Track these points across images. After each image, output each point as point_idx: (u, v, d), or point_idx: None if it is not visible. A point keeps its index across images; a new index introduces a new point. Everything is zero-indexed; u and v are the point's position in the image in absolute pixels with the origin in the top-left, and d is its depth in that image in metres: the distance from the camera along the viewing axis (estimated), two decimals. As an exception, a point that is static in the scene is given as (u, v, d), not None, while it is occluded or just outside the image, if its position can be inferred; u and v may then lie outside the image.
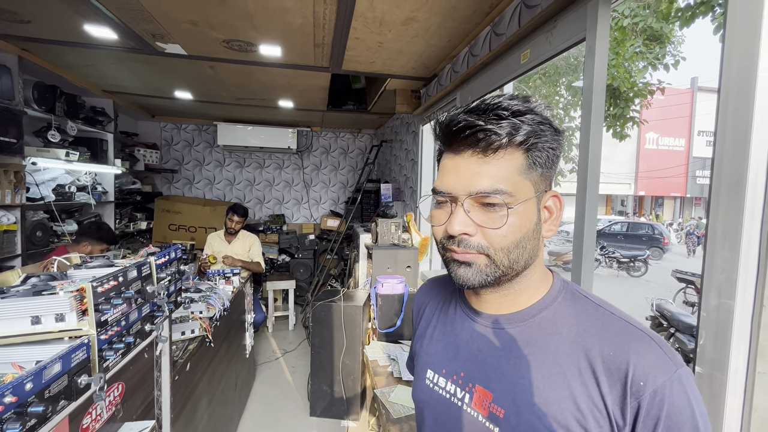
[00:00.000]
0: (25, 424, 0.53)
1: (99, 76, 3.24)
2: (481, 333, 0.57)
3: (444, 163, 0.53)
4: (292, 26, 2.12)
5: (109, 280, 0.77)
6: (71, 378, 0.65)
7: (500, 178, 0.49)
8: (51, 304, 0.69)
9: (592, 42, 1.19)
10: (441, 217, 0.52)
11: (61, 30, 2.28)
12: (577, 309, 0.52)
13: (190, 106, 4.34)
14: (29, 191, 2.83)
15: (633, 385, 0.45)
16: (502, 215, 0.49)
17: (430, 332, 0.64)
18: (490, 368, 0.54)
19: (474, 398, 0.54)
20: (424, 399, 0.61)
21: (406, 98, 3.31)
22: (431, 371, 0.61)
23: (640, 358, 0.46)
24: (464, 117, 0.49)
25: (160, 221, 4.78)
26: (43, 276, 0.84)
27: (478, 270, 0.51)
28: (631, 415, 0.45)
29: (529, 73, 1.71)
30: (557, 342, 0.51)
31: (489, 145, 0.48)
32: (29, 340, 0.69)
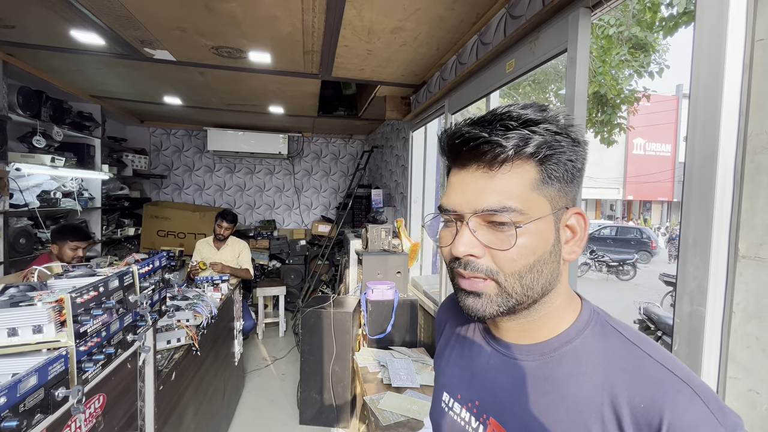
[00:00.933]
0: (-3, 440, 0.52)
1: (86, 81, 3.21)
2: (497, 362, 0.52)
3: (451, 179, 0.49)
4: (281, 34, 2.13)
5: (88, 291, 0.76)
6: (48, 391, 0.64)
7: (509, 195, 0.44)
8: (28, 316, 0.68)
9: (573, 53, 1.22)
10: (447, 238, 0.47)
11: (47, 35, 2.26)
12: (606, 346, 0.46)
13: (180, 112, 4.32)
14: (12, 197, 2.78)
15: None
16: (510, 235, 0.44)
17: (448, 352, 0.61)
18: (505, 402, 0.49)
19: (487, 430, 0.50)
20: (440, 423, 0.58)
21: (396, 105, 3.34)
22: (447, 394, 0.57)
23: (678, 416, 0.38)
24: (468, 129, 0.45)
25: (149, 227, 4.73)
26: (22, 286, 0.83)
27: (488, 300, 0.46)
28: None
29: (519, 80, 1.74)
30: (580, 383, 0.44)
31: (494, 158, 0.43)
32: (5, 352, 0.68)
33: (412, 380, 2.11)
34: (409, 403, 1.91)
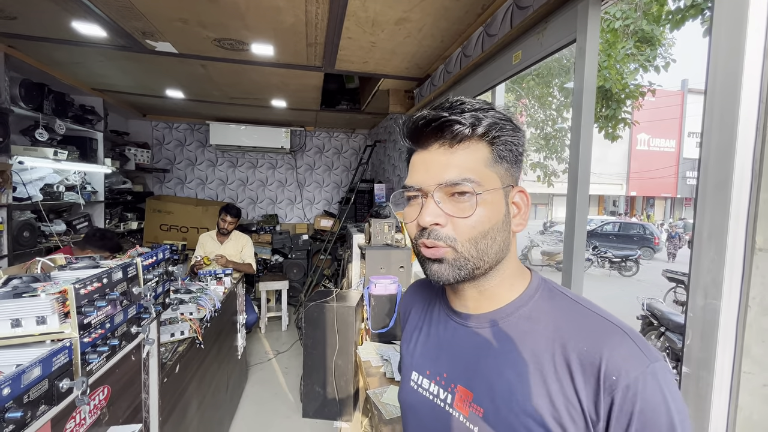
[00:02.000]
0: (2, 430, 0.52)
1: (88, 74, 3.19)
2: (461, 333, 0.57)
3: (413, 160, 0.54)
4: (284, 25, 2.10)
5: (92, 282, 0.75)
6: (52, 382, 0.63)
7: (467, 168, 0.50)
8: (32, 307, 0.68)
9: (582, 43, 1.20)
10: (413, 213, 0.53)
11: (49, 27, 2.24)
12: (554, 306, 0.53)
13: (182, 105, 4.30)
14: (16, 191, 2.77)
15: (606, 380, 0.45)
16: (471, 204, 0.50)
17: (416, 335, 0.65)
18: (470, 368, 0.54)
19: (456, 399, 0.54)
20: (409, 401, 0.61)
21: (400, 98, 3.31)
22: (416, 373, 0.61)
23: (613, 353, 0.45)
24: (430, 111, 0.50)
25: (152, 221, 4.73)
26: (25, 278, 0.82)
27: (449, 265, 0.51)
28: (605, 410, 0.45)
29: (522, 74, 1.71)
30: (534, 339, 0.51)
31: (454, 136, 0.50)
32: (9, 343, 0.67)
33: (415, 374, 2.11)
34: (412, 397, 1.91)
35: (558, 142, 9.45)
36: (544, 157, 9.83)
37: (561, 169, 10.18)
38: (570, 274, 1.23)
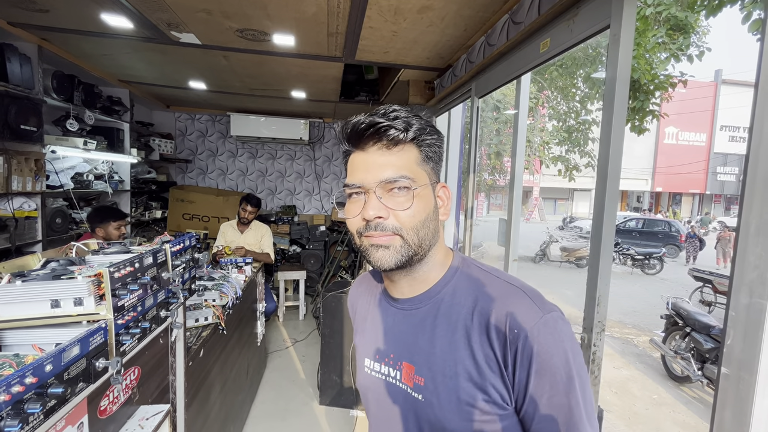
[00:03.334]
0: (45, 405, 0.54)
1: (115, 65, 3.27)
2: (401, 316, 0.65)
3: (352, 160, 0.61)
4: (306, 15, 2.09)
5: (125, 266, 0.78)
6: (89, 361, 0.66)
7: (402, 167, 0.58)
8: (70, 288, 0.70)
9: (617, 29, 1.14)
10: (355, 209, 0.59)
11: (79, 19, 2.30)
12: (471, 279, 0.62)
13: (204, 97, 4.37)
14: (49, 179, 2.89)
15: (510, 333, 0.54)
16: (408, 197, 0.57)
17: (364, 326, 0.72)
18: (411, 345, 0.62)
19: (403, 374, 0.62)
20: (366, 385, 0.68)
21: (420, 89, 3.27)
22: (368, 359, 0.68)
23: (514, 309, 0.55)
24: (368, 118, 0.57)
25: (175, 210, 4.86)
26: (62, 261, 0.85)
27: (394, 251, 0.57)
28: (512, 358, 0.54)
29: (546, 64, 1.66)
30: (458, 311, 0.59)
31: (390, 139, 0.57)
32: (48, 323, 0.70)
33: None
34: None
35: (581, 135, 9.17)
36: (566, 150, 9.57)
37: (583, 163, 9.90)
38: (597, 271, 1.19)
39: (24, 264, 0.85)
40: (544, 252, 10.75)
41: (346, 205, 0.61)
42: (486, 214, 20.03)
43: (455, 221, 3.42)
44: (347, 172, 0.62)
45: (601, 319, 1.21)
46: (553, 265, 10.46)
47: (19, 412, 0.50)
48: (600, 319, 1.21)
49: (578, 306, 7.02)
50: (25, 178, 2.56)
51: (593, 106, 9.48)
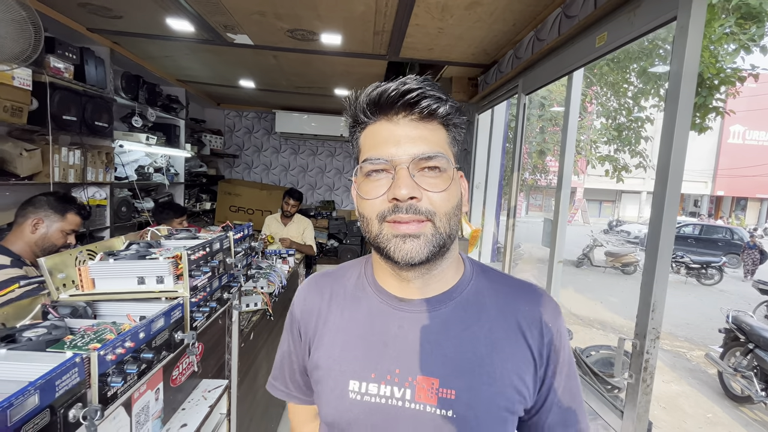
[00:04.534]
0: (139, 367, 0.62)
1: (175, 66, 3.52)
2: (412, 321, 0.55)
3: (374, 132, 0.52)
4: (354, 14, 2.14)
5: (198, 250, 0.86)
6: (170, 333, 0.74)
7: (438, 143, 0.51)
8: (153, 267, 0.79)
9: (684, 21, 1.08)
10: (379, 189, 0.50)
11: (147, 23, 2.50)
12: (490, 280, 0.59)
13: (252, 95, 4.58)
14: (116, 171, 3.17)
15: (545, 329, 0.55)
16: (444, 178, 0.50)
17: (335, 339, 0.58)
18: (429, 354, 0.53)
19: (417, 391, 0.52)
20: (352, 417, 0.54)
21: (463, 86, 3.23)
22: (355, 381, 0.54)
23: (545, 309, 0.57)
24: (401, 84, 0.50)
25: (223, 203, 5.14)
26: (142, 243, 0.95)
27: (426, 241, 0.49)
28: (546, 351, 0.55)
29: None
30: (488, 312, 0.56)
31: (423, 111, 0.50)
32: (135, 297, 0.79)
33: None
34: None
35: (633, 133, 8.62)
36: (615, 149, 9.03)
37: (634, 164, 9.30)
38: (653, 275, 1.14)
39: (111, 245, 0.96)
40: (587, 256, 10.26)
41: (363, 185, 0.52)
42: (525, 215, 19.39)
43: (495, 221, 3.36)
44: (363, 147, 0.53)
45: (656, 326, 1.16)
46: (596, 271, 9.96)
47: (120, 372, 0.57)
48: (654, 326, 1.16)
49: (623, 314, 6.65)
50: (98, 170, 2.83)
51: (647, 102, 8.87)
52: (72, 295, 0.76)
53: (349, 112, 0.55)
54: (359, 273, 0.62)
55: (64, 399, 0.48)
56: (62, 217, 1.46)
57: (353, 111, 0.54)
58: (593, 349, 2.07)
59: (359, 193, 0.52)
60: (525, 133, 2.40)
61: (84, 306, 0.74)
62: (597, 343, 4.67)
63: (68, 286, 0.79)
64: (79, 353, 0.53)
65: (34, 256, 1.48)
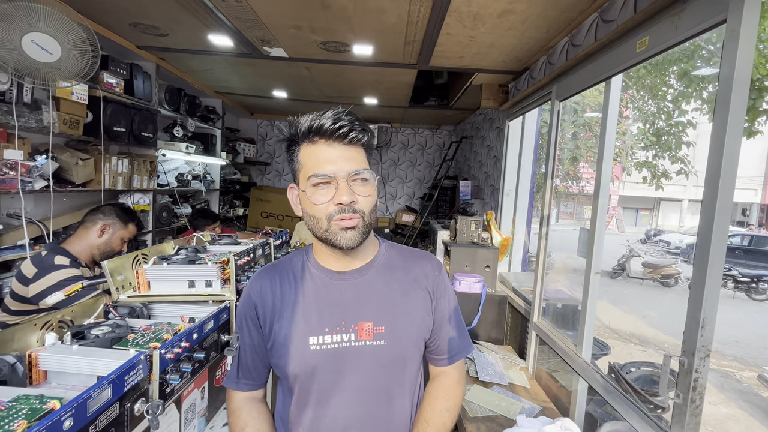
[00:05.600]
0: (193, 365, 0.66)
1: (213, 79, 3.70)
2: (348, 286, 0.77)
3: (314, 152, 0.71)
4: (386, 25, 2.19)
5: (243, 256, 0.90)
6: (218, 335, 0.78)
7: (363, 162, 0.74)
8: (202, 272, 0.83)
9: (735, 23, 1.04)
10: (326, 195, 0.70)
11: (191, 40, 2.66)
12: (397, 250, 0.87)
13: (284, 105, 4.73)
14: (159, 178, 3.35)
15: (434, 277, 0.85)
16: (370, 185, 0.73)
17: (294, 309, 0.77)
18: (363, 306, 0.76)
19: (358, 333, 0.74)
20: (314, 363, 0.74)
21: (493, 93, 3.20)
22: (314, 337, 0.74)
23: (433, 265, 0.86)
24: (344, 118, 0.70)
25: (255, 209, 5.31)
26: (190, 248, 1.01)
27: (358, 231, 0.71)
28: (436, 290, 0.84)
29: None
30: (397, 271, 0.82)
31: (353, 139, 0.71)
32: (185, 299, 0.84)
33: (501, 377, 2.06)
34: (497, 399, 1.87)
35: (673, 138, 8.19)
36: (654, 155, 8.61)
37: (674, 170, 8.82)
38: (702, 289, 1.09)
39: (162, 249, 1.02)
40: (622, 267, 9.80)
41: (313, 194, 0.71)
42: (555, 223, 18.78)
43: (527, 229, 3.28)
44: (307, 163, 0.72)
45: (706, 344, 1.10)
46: (633, 282, 9.48)
47: (177, 369, 0.61)
48: (704, 344, 1.10)
49: (663, 329, 6.28)
50: (142, 178, 3.00)
51: (688, 105, 8.42)
52: (130, 296, 0.82)
53: (288, 133, 0.75)
54: (303, 261, 0.83)
55: (131, 393, 0.52)
56: (125, 226, 1.59)
57: (293, 133, 0.74)
58: (633, 365, 1.97)
59: (311, 200, 0.71)
60: (562, 140, 2.35)
61: (140, 306, 0.79)
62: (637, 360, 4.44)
63: (126, 287, 0.85)
64: (143, 351, 0.57)
65: (92, 259, 1.59)
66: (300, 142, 0.73)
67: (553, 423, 1.54)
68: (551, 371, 2.18)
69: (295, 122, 0.73)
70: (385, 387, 0.76)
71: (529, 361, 2.27)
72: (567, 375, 2.02)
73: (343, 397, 0.74)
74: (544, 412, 1.76)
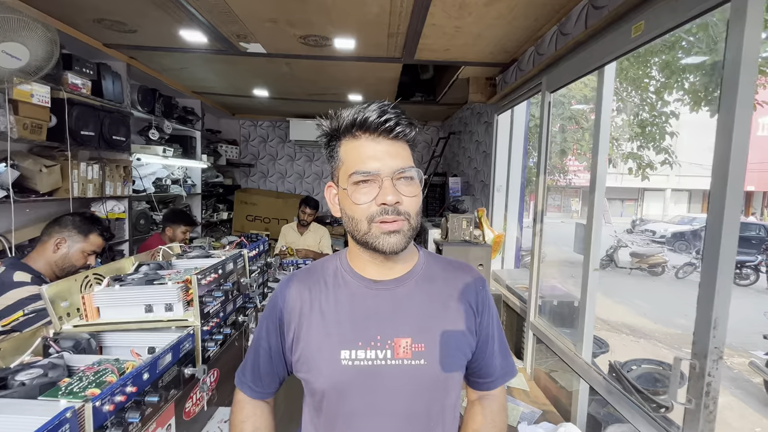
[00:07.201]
0: (143, 413, 0.55)
1: (190, 78, 3.53)
2: (385, 297, 0.69)
3: (357, 147, 0.65)
4: (368, 17, 2.08)
5: (210, 273, 0.79)
6: (180, 368, 0.67)
7: (408, 158, 0.66)
8: (161, 294, 0.72)
9: (741, 2, 0.96)
10: (368, 195, 0.63)
11: (162, 36, 2.50)
12: (437, 262, 0.77)
13: (266, 104, 4.58)
14: (134, 184, 3.18)
15: (477, 291, 0.75)
16: (416, 185, 0.66)
17: (324, 319, 0.69)
18: (401, 321, 0.68)
19: (395, 350, 0.66)
20: (345, 379, 0.66)
21: (481, 86, 3.13)
22: (346, 351, 0.66)
23: (476, 278, 0.76)
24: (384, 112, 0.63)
25: (239, 212, 5.15)
26: (152, 264, 0.89)
27: (403, 235, 0.64)
28: (480, 305, 0.74)
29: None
30: (438, 286, 0.73)
31: (397, 134, 0.64)
32: (142, 327, 0.72)
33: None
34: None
35: (657, 129, 8.26)
36: (639, 146, 8.68)
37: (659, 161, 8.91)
38: (713, 288, 1.02)
39: (119, 267, 0.90)
40: (611, 257, 9.90)
41: (354, 193, 0.63)
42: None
43: (519, 224, 3.22)
44: (348, 159, 0.65)
45: (719, 345, 1.03)
46: (621, 272, 9.58)
47: (120, 422, 0.50)
48: (717, 345, 1.03)
49: (654, 318, 6.34)
50: (116, 184, 2.84)
51: (670, 96, 8.51)
52: (76, 325, 0.70)
53: (328, 127, 0.68)
54: (336, 266, 0.74)
55: (53, 464, 0.41)
56: (85, 237, 1.43)
57: (334, 127, 0.67)
58: (634, 363, 1.92)
59: (351, 199, 0.64)
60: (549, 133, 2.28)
61: (88, 338, 0.68)
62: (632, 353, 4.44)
63: (72, 314, 0.73)
64: (73, 404, 0.46)
65: (55, 276, 1.46)
66: (341, 137, 0.67)
67: (557, 431, 1.47)
68: (550, 371, 2.12)
69: (337, 115, 0.66)
70: (423, 413, 0.67)
71: (527, 362, 2.20)
72: (566, 375, 1.96)
73: (376, 422, 0.66)
74: (545, 416, 1.69)
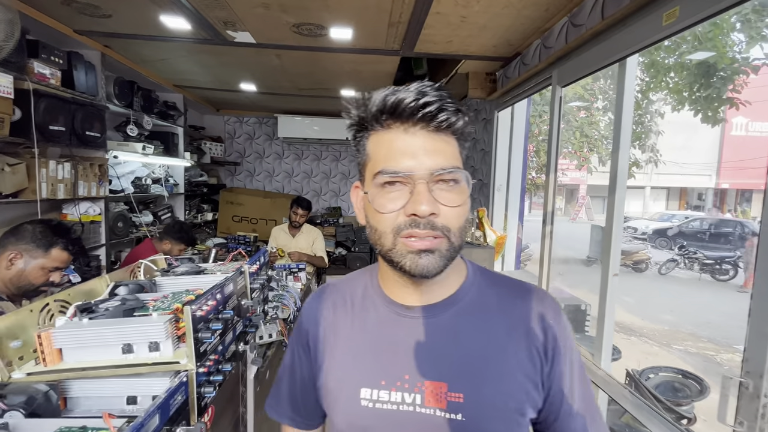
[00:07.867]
0: None
1: (171, 70, 3.30)
2: (419, 327, 0.55)
3: (387, 140, 0.50)
4: (369, 3, 1.92)
5: (207, 301, 0.63)
6: (171, 429, 0.51)
7: (454, 156, 0.50)
8: (144, 329, 0.56)
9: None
10: (395, 202, 0.49)
11: (139, 22, 2.28)
12: (491, 282, 0.58)
13: (253, 99, 4.36)
14: (111, 184, 2.94)
15: (548, 330, 0.54)
16: (461, 191, 0.49)
17: (347, 348, 0.57)
18: (436, 359, 0.53)
19: (426, 396, 0.52)
20: (366, 423, 0.54)
21: (480, 82, 3.01)
22: (367, 389, 0.54)
23: (546, 308, 0.56)
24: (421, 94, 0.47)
25: (225, 213, 4.92)
26: (131, 285, 0.73)
27: (440, 256, 0.49)
28: (551, 348, 0.54)
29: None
30: (491, 314, 0.55)
31: (440, 123, 0.48)
32: (119, 373, 0.56)
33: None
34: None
35: (642, 128, 8.38)
36: (626, 145, 8.80)
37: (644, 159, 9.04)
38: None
39: (91, 289, 0.73)
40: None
41: (378, 197, 0.49)
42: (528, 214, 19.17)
43: (519, 225, 3.13)
44: (375, 155, 0.50)
45: (777, 364, 0.93)
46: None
47: None
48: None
49: (640, 315, 6.41)
50: (90, 184, 2.60)
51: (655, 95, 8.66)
52: (30, 373, 0.53)
53: (356, 115, 0.52)
54: (365, 284, 0.62)
55: None
56: (45, 252, 1.21)
57: (362, 114, 0.52)
58: (651, 371, 1.84)
59: (373, 206, 0.50)
60: (539, 131, 2.18)
61: (46, 390, 0.51)
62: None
63: (27, 357, 0.56)
64: None
65: (12, 294, 1.25)
66: (369, 128, 0.52)
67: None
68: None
69: (365, 99, 0.51)
70: None
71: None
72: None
73: None
74: None
